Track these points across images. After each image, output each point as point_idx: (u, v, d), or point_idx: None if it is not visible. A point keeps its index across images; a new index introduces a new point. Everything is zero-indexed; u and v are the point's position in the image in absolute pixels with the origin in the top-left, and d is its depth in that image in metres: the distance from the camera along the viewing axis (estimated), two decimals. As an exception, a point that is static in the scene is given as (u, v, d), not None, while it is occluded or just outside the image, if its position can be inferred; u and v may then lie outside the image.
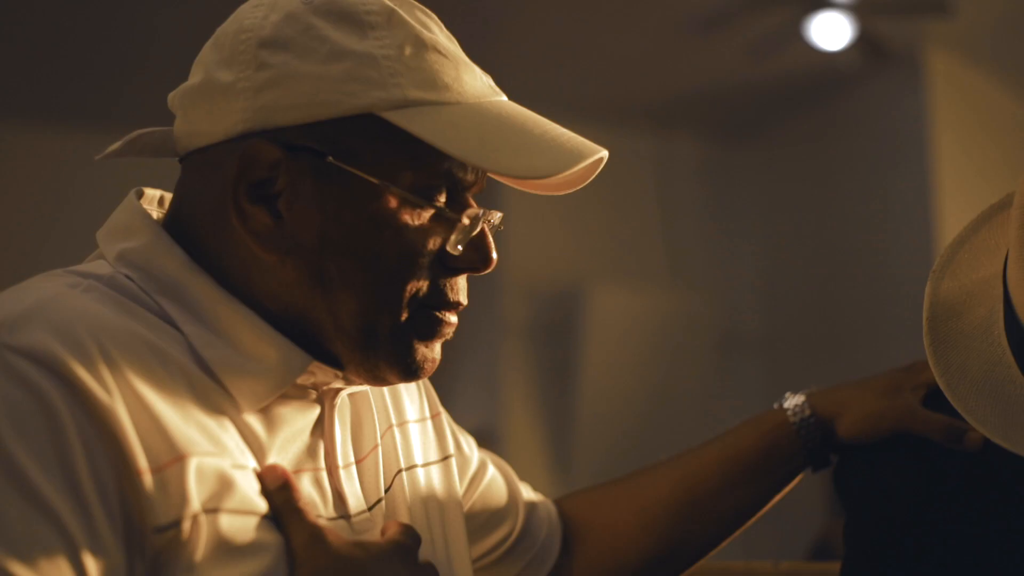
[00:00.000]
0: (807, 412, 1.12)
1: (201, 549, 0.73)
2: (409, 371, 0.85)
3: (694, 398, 5.75)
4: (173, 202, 0.88)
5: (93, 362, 0.71)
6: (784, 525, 3.04)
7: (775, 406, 1.14)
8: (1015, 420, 0.90)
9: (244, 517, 0.76)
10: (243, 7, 0.86)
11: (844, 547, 1.06)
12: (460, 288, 0.87)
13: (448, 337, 0.88)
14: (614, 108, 5.82)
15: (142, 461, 0.71)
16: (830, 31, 4.49)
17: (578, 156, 0.83)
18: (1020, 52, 5.07)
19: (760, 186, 6.43)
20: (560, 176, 0.85)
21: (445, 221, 0.84)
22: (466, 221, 0.84)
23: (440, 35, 0.85)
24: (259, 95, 0.80)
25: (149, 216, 0.86)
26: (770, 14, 4.48)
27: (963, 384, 0.93)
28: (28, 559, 0.66)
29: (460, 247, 0.84)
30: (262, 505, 0.78)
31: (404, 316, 0.83)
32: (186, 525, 0.72)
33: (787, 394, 1.14)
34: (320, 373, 0.84)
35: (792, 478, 1.15)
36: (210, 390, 0.78)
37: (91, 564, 0.68)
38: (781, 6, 4.45)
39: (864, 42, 4.55)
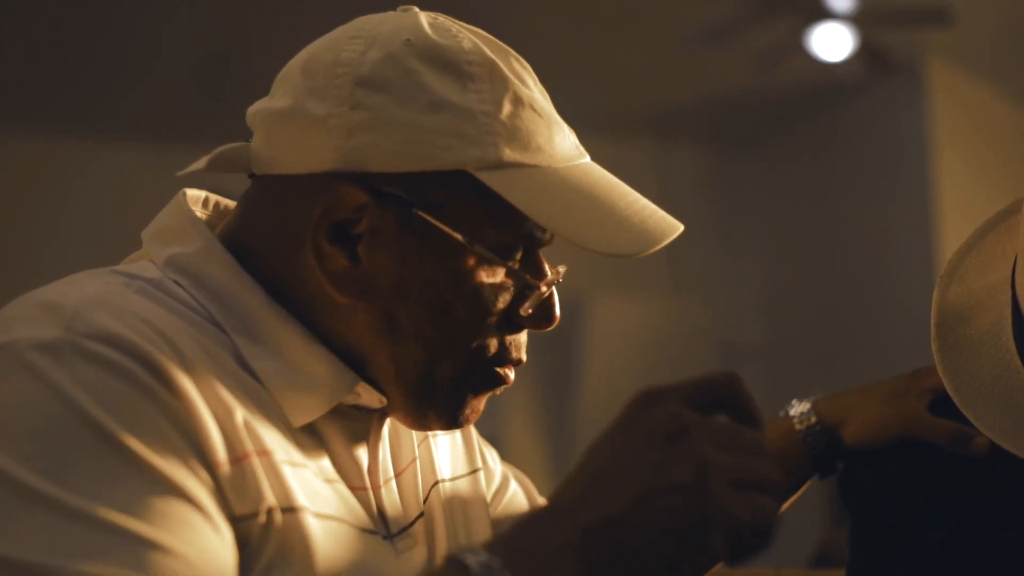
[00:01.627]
0: (813, 419, 1.11)
1: (274, 545, 0.73)
2: (455, 422, 0.86)
3: (694, 408, 5.74)
4: (237, 218, 0.86)
5: (164, 350, 0.71)
6: (786, 532, 3.03)
7: (780, 414, 1.14)
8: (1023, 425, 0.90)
9: (314, 519, 0.76)
10: (339, 35, 0.84)
11: (849, 553, 1.06)
12: (521, 344, 0.87)
13: (498, 392, 0.88)
14: (616, 118, 5.83)
15: (221, 451, 0.71)
16: (831, 42, 4.50)
17: (659, 236, 0.84)
18: (1021, 63, 5.08)
19: (761, 196, 6.44)
20: None
21: (522, 283, 0.84)
22: (544, 289, 0.85)
23: (535, 90, 0.85)
24: (352, 136, 0.79)
25: (200, 221, 0.85)
26: (771, 25, 4.50)
27: (971, 390, 0.93)
28: (173, 532, 0.66)
29: (532, 310, 0.85)
30: (328, 511, 0.78)
31: (464, 370, 0.84)
32: (262, 518, 0.72)
33: (793, 401, 1.14)
34: (365, 395, 0.84)
35: (799, 486, 1.15)
36: (265, 399, 0.78)
37: (225, 530, 0.69)
38: (783, 17, 4.46)
39: (865, 53, 4.57)
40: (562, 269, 0.88)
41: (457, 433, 1.03)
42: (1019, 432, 0.89)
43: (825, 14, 4.43)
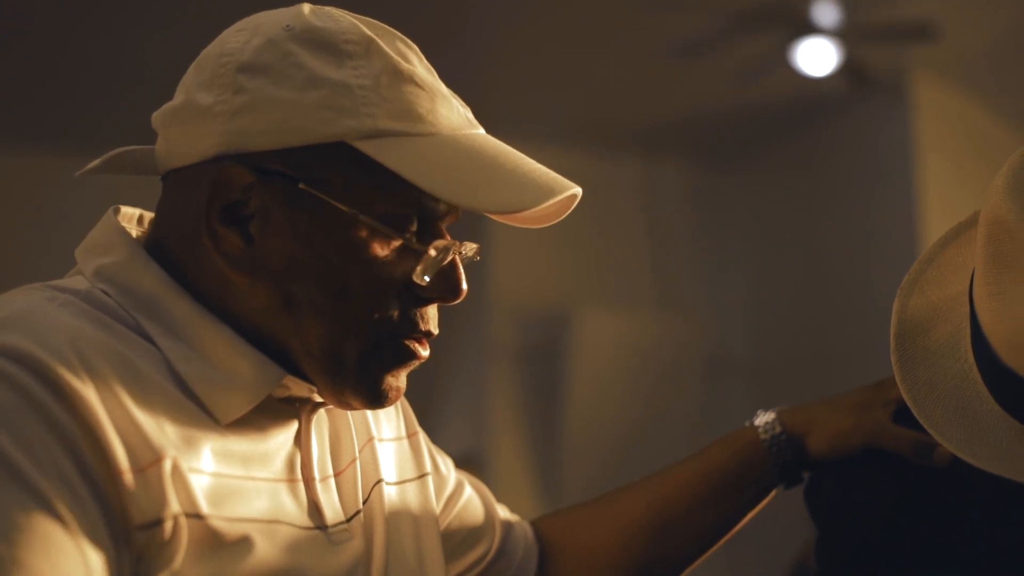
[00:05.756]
0: (778, 429, 1.12)
1: (182, 551, 0.74)
2: (373, 399, 0.86)
3: (681, 422, 5.74)
4: (153, 221, 0.89)
5: (72, 364, 0.72)
6: (769, 544, 3.04)
7: (746, 424, 1.15)
8: (981, 436, 0.91)
9: (224, 523, 0.77)
10: (227, 31, 0.87)
11: (816, 564, 1.07)
12: (431, 318, 0.88)
13: (413, 367, 0.88)
14: (602, 134, 5.84)
15: (123, 460, 0.72)
16: (816, 57, 4.52)
17: (548, 192, 0.84)
18: (1005, 78, 5.11)
19: (747, 211, 6.45)
20: (534, 210, 0.86)
21: (413, 252, 0.84)
22: (433, 253, 0.85)
23: (419, 66, 0.86)
24: (234, 119, 0.81)
25: (126, 232, 0.87)
26: (756, 40, 4.52)
27: (930, 400, 0.94)
28: (32, 549, 0.66)
29: (427, 278, 0.85)
30: (242, 511, 0.79)
31: (371, 344, 0.84)
32: (167, 525, 0.73)
33: (758, 411, 1.15)
34: (295, 387, 0.85)
35: (764, 495, 1.16)
36: (185, 405, 0.79)
37: (92, 554, 0.69)
38: (767, 32, 4.48)
39: (850, 68, 4.59)
40: (470, 245, 0.89)
41: (405, 440, 1.04)
42: (976, 442, 0.90)
43: (809, 29, 4.45)
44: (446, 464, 1.12)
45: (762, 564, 3.51)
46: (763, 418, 1.14)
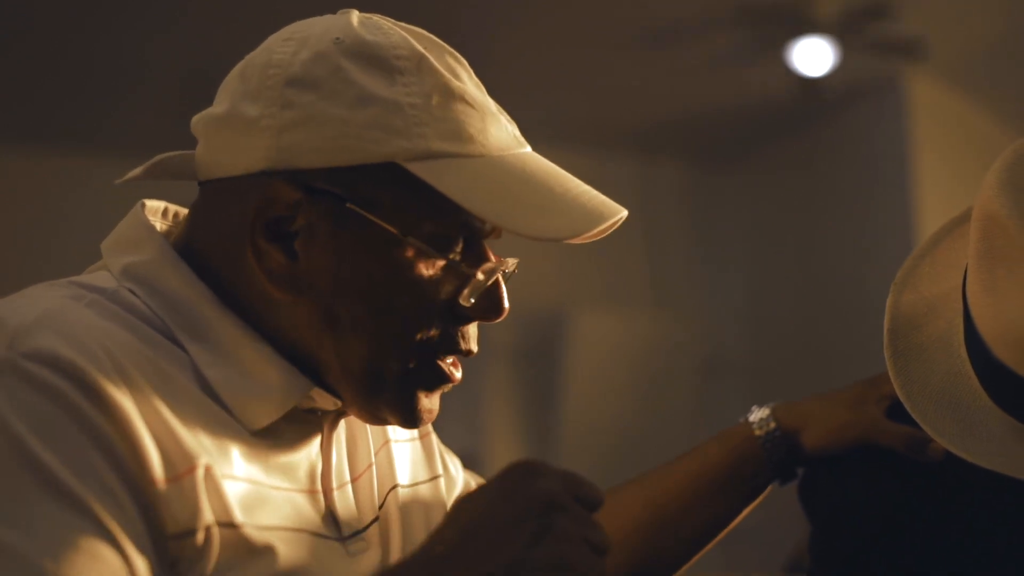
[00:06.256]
0: (772, 425, 1.12)
1: (213, 561, 0.73)
2: (409, 419, 0.86)
3: (677, 423, 5.74)
4: (187, 225, 0.87)
5: (106, 369, 0.72)
6: (766, 540, 3.03)
7: (740, 420, 1.15)
8: (974, 431, 0.91)
9: (255, 531, 0.76)
10: (273, 39, 0.86)
11: (810, 560, 1.07)
12: (471, 336, 0.87)
13: (447, 390, 0.88)
14: (598, 133, 5.84)
15: (159, 470, 0.71)
16: (813, 57, 4.53)
17: (598, 218, 0.83)
18: (1000, 78, 5.12)
19: (744, 211, 6.46)
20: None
21: (460, 273, 0.84)
22: (481, 276, 0.84)
23: (469, 83, 0.85)
24: (283, 134, 0.80)
25: (155, 230, 0.85)
26: (753, 40, 4.52)
27: (922, 396, 0.94)
28: (77, 566, 0.66)
29: (473, 300, 0.84)
30: (270, 520, 0.78)
31: (412, 364, 0.84)
32: (200, 536, 0.73)
33: (752, 407, 1.15)
34: (320, 399, 0.84)
35: (760, 491, 1.16)
36: (214, 411, 0.78)
37: (138, 565, 0.69)
38: (764, 32, 4.49)
39: (846, 68, 4.60)
40: (511, 261, 0.88)
41: (418, 441, 1.04)
42: (968, 437, 0.90)
43: (806, 29, 4.46)
44: (455, 465, 1.12)
45: (758, 561, 3.51)
46: (758, 414, 1.14)
